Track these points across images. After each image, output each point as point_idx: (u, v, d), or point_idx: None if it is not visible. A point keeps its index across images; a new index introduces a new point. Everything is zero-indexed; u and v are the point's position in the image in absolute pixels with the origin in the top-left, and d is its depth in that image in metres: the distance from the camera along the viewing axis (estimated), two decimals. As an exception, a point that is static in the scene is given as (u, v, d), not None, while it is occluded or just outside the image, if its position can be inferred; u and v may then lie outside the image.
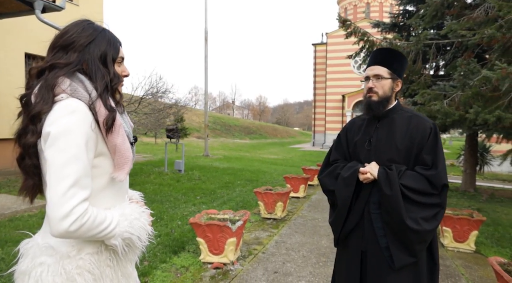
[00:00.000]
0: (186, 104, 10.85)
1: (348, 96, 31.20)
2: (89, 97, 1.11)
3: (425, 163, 1.76)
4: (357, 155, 1.95)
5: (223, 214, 4.05)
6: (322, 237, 4.83)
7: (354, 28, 5.77)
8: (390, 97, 1.88)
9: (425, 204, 1.72)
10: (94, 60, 1.16)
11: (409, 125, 1.83)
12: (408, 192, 1.71)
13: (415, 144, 1.78)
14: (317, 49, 36.02)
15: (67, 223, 0.99)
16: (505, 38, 3.77)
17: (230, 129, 41.66)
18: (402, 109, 1.91)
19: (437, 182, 1.70)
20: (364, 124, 1.99)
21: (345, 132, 2.09)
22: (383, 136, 1.87)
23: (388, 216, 1.74)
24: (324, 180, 2.04)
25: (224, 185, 8.78)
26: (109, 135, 1.12)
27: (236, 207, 6.44)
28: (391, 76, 1.87)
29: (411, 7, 9.71)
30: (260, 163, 15.88)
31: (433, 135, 1.77)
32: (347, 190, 1.87)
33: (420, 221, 1.68)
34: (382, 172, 1.77)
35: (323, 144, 33.52)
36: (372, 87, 1.88)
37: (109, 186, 1.18)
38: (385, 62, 1.88)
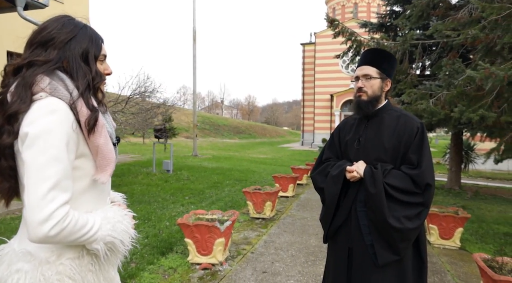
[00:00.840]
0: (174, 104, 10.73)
1: (337, 96, 31.45)
2: (70, 96, 1.06)
3: (411, 162, 1.78)
4: (348, 154, 1.98)
5: (212, 214, 4.02)
6: (311, 236, 4.84)
7: (342, 28, 5.80)
8: (379, 97, 1.90)
9: (408, 203, 1.73)
10: (75, 57, 1.12)
11: (397, 124, 1.85)
12: (391, 190, 1.73)
13: (402, 143, 1.80)
14: (306, 48, 36.18)
15: (46, 228, 0.94)
16: (488, 38, 3.84)
17: (219, 128, 41.54)
18: (391, 108, 1.93)
19: (420, 181, 1.71)
20: (355, 123, 2.01)
21: (338, 131, 2.11)
22: (371, 135, 1.89)
23: (372, 214, 1.76)
24: (316, 177, 2.07)
25: (212, 185, 8.73)
26: (91, 136, 1.09)
27: (225, 207, 6.41)
28: (380, 75, 1.89)
29: (397, 8, 9.82)
30: (249, 162, 15.86)
31: (420, 134, 1.79)
32: (334, 188, 1.90)
33: (403, 219, 1.70)
34: (368, 171, 1.79)
35: (312, 144, 33.71)
36: (361, 87, 1.90)
37: (90, 189, 1.14)
38: (375, 62, 1.90)
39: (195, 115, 18.65)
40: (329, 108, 33.51)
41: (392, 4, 9.74)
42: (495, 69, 3.09)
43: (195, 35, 18.32)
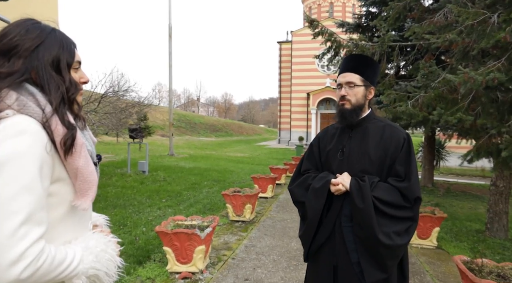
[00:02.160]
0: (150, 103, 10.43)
1: (313, 94, 31.76)
2: (43, 113, 0.92)
3: (398, 175, 1.71)
4: (329, 165, 1.87)
5: (191, 220, 3.89)
6: (291, 239, 4.80)
7: (321, 29, 5.79)
8: (363, 105, 1.82)
9: (397, 217, 1.66)
10: (45, 67, 0.97)
11: (382, 135, 1.77)
12: (380, 205, 1.65)
13: (389, 155, 1.73)
14: (282, 47, 36.30)
15: (17, 270, 0.81)
16: (464, 42, 3.91)
17: (195, 126, 41.04)
18: (375, 118, 1.86)
19: (410, 195, 1.65)
20: (337, 133, 1.92)
21: (317, 141, 2.01)
22: (356, 145, 1.80)
23: (359, 229, 1.67)
24: (295, 190, 1.94)
25: (190, 186, 8.56)
26: (69, 157, 0.95)
27: (204, 210, 6.28)
28: (364, 83, 1.81)
29: (374, 9, 9.95)
30: (226, 162, 15.72)
31: (407, 145, 1.73)
32: (317, 202, 1.78)
33: (393, 235, 1.62)
34: (355, 184, 1.69)
35: (289, 142, 33.94)
36: (344, 95, 1.81)
37: (69, 216, 1.01)
38: (358, 69, 1.81)
39: (171, 113, 18.29)
40: (305, 106, 33.81)
41: (368, 5, 9.86)
42: (474, 74, 3.14)
43: (170, 31, 17.92)
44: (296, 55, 33.86)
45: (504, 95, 3.94)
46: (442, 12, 4.88)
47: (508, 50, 3.37)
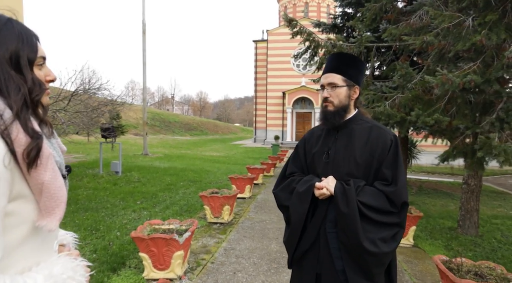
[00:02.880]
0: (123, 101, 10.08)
1: (289, 93, 31.96)
2: (1, 120, 0.80)
3: (385, 178, 1.65)
4: (315, 168, 1.81)
5: (168, 224, 3.75)
6: (271, 241, 4.75)
7: (300, 28, 5.76)
8: (347, 106, 1.75)
9: (383, 223, 1.59)
10: (2, 65, 0.84)
11: (369, 136, 1.71)
12: (366, 210, 1.58)
13: (375, 158, 1.67)
14: (258, 45, 36.28)
15: None
16: (440, 45, 3.98)
17: (169, 125, 40.34)
18: (362, 118, 1.80)
19: (396, 200, 1.59)
20: (323, 135, 1.85)
21: (303, 143, 1.94)
22: (341, 148, 1.74)
23: (344, 236, 1.61)
24: (279, 194, 1.87)
25: (166, 187, 8.33)
26: (33, 171, 0.82)
27: (180, 212, 6.12)
28: (347, 83, 1.74)
29: (349, 10, 10.06)
30: (202, 161, 15.51)
31: (394, 148, 1.67)
32: (301, 207, 1.71)
33: (378, 242, 1.56)
34: (339, 188, 1.63)
35: (265, 140, 34.01)
36: (327, 97, 1.75)
37: (30, 238, 0.87)
38: (340, 69, 1.75)
39: (145, 112, 17.82)
40: (281, 105, 34.00)
41: (344, 6, 9.96)
42: (452, 76, 3.19)
43: (144, 27, 17.45)
44: (271, 54, 33.94)
45: (476, 97, 4.05)
46: (417, 14, 4.96)
47: (482, 53, 3.45)
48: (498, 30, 3.22)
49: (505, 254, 4.77)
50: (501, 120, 3.55)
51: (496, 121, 3.57)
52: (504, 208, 8.22)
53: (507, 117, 3.50)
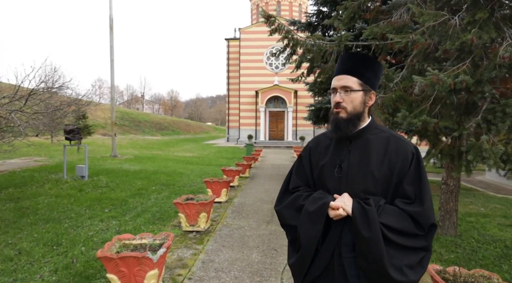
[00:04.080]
0: (90, 100, 9.43)
1: (262, 92, 31.81)
2: None
3: (406, 196, 1.44)
4: (324, 182, 1.57)
5: (140, 238, 3.38)
6: (252, 250, 4.47)
7: (278, 25, 5.51)
8: (361, 114, 1.52)
9: (409, 248, 1.39)
10: None
11: (386, 148, 1.49)
12: (389, 233, 1.37)
13: (395, 173, 1.45)
14: (230, 44, 35.90)
15: None
16: (425, 43, 3.86)
17: (139, 125, 39.12)
18: (377, 127, 1.57)
19: (424, 221, 1.39)
20: (332, 145, 1.61)
21: (308, 153, 1.69)
22: (356, 161, 1.51)
23: (365, 262, 1.39)
24: (283, 212, 1.62)
25: (136, 193, 7.85)
26: None
27: (153, 220, 5.72)
28: (363, 87, 1.51)
29: (325, 8, 9.97)
30: (175, 163, 14.99)
31: (416, 161, 1.46)
32: (313, 229, 1.48)
33: (405, 269, 1.36)
34: (358, 208, 1.40)
35: (238, 140, 33.72)
36: (339, 102, 1.51)
37: None
38: (356, 71, 1.52)
39: (114, 111, 17.01)
40: (254, 104, 33.81)
41: (320, 4, 9.86)
42: (443, 76, 3.05)
43: (112, 23, 16.63)
44: (244, 53, 33.67)
45: (460, 98, 3.97)
46: (399, 13, 4.85)
47: (472, 52, 3.35)
48: (489, 29, 3.12)
49: (485, 254, 4.76)
50: (488, 121, 3.46)
51: (483, 123, 3.48)
52: (475, 206, 8.40)
53: (494, 119, 3.41)
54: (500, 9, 3.33)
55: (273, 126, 33.45)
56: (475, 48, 3.25)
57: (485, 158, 3.17)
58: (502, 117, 3.41)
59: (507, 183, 10.94)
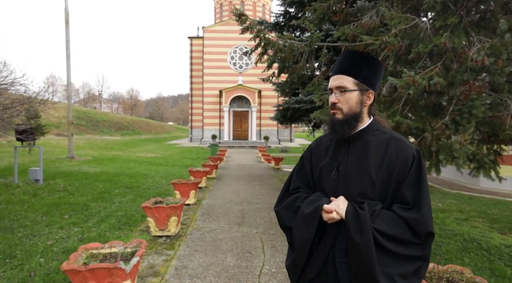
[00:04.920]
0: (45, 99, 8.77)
1: (226, 92, 31.59)
2: None
3: (405, 201, 1.39)
4: (322, 185, 1.52)
5: (110, 247, 3.14)
6: (226, 254, 4.34)
7: (250, 24, 5.43)
8: (359, 114, 1.47)
9: (404, 256, 1.34)
10: None
11: (386, 150, 1.45)
12: (383, 239, 1.32)
13: (394, 176, 1.41)
14: (194, 42, 35.30)
15: None
16: (398, 46, 3.95)
17: (97, 124, 37.35)
18: (378, 128, 1.52)
19: (420, 229, 1.34)
20: (332, 146, 1.56)
21: (309, 154, 1.64)
22: (354, 163, 1.46)
23: (356, 269, 1.34)
24: (282, 213, 1.58)
25: (99, 196, 7.40)
26: None
27: (119, 225, 5.41)
28: (359, 87, 1.46)
29: (292, 9, 10.03)
30: (137, 164, 14.43)
31: (417, 165, 1.41)
32: (306, 231, 1.43)
33: (397, 278, 1.31)
34: (352, 212, 1.35)
35: (201, 140, 33.26)
36: (335, 102, 1.47)
37: None
38: (351, 70, 1.47)
39: (70, 110, 16.05)
40: (218, 104, 33.51)
41: (287, 5, 9.90)
42: (418, 78, 3.13)
43: (67, 16, 15.68)
44: (208, 52, 33.25)
45: (428, 99, 4.11)
46: (369, 15, 4.94)
47: (443, 55, 3.46)
48: (459, 33, 3.24)
49: (448, 248, 4.98)
50: (456, 122, 3.61)
51: (451, 124, 3.61)
52: (434, 201, 8.82)
53: (461, 120, 3.56)
54: (468, 15, 3.48)
55: (237, 126, 33.35)
56: (446, 52, 3.37)
57: (455, 158, 3.29)
58: (468, 118, 3.56)
59: (459, 180, 11.66)
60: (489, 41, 3.15)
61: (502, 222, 6.29)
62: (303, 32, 10.03)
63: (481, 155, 3.54)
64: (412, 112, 3.99)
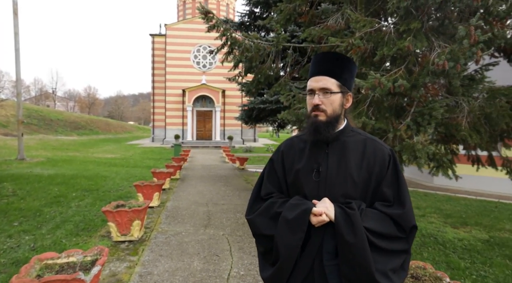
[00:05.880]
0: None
1: (189, 91, 31.07)
2: None
3: (386, 198, 1.43)
4: (300, 187, 1.48)
5: (67, 256, 2.92)
6: (192, 258, 4.22)
7: (216, 22, 5.32)
8: (339, 116, 1.48)
9: (392, 251, 1.38)
10: None
11: (364, 151, 1.47)
12: (373, 237, 1.34)
13: (374, 175, 1.43)
14: (156, 40, 34.37)
15: None
16: (363, 48, 4.04)
17: (51, 123, 35.25)
18: (353, 130, 1.54)
19: (405, 224, 1.38)
20: (307, 148, 1.52)
21: (280, 156, 1.59)
22: (334, 165, 1.45)
23: (349, 269, 1.33)
24: (256, 221, 1.51)
25: (53, 201, 6.94)
26: None
27: (76, 231, 5.09)
28: (341, 89, 1.46)
29: (257, 9, 10.03)
30: (96, 165, 13.76)
31: (393, 164, 1.46)
32: (294, 238, 1.38)
33: (390, 274, 1.34)
34: (341, 213, 1.35)
35: (164, 140, 32.48)
36: (319, 104, 1.44)
37: None
38: (334, 72, 1.46)
39: (21, 108, 14.96)
40: (181, 103, 32.88)
41: (252, 5, 9.88)
42: (384, 80, 3.21)
43: (16, 7, 14.60)
44: (170, 50, 32.53)
45: (391, 101, 4.25)
46: (335, 17, 5.03)
47: (405, 59, 3.59)
48: (421, 38, 3.37)
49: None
50: (417, 123, 3.75)
51: (413, 125, 3.75)
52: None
53: (422, 121, 3.70)
54: (428, 20, 3.64)
55: (200, 126, 32.92)
56: (409, 55, 3.50)
57: (418, 157, 3.42)
58: (429, 120, 3.72)
59: (415, 178, 12.28)
60: (448, 46, 3.31)
61: (454, 217, 6.67)
62: (268, 32, 10.08)
63: (440, 154, 3.72)
64: (376, 113, 4.10)
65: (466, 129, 3.71)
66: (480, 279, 3.88)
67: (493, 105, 3.82)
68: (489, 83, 4.45)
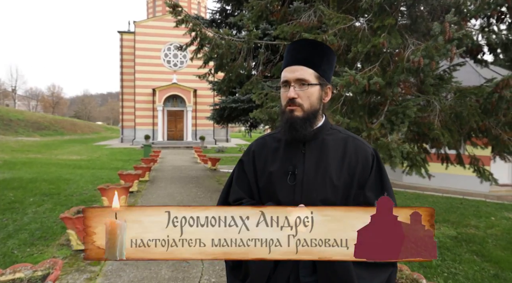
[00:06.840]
0: None
1: (159, 90, 30.32)
2: None
3: (369, 204, 1.26)
4: (273, 192, 1.30)
5: (13, 272, 2.59)
6: (160, 265, 3.96)
7: (185, 16, 5.07)
8: (318, 111, 1.30)
9: (377, 265, 1.22)
10: None
11: (345, 151, 1.30)
12: None
13: (356, 178, 1.27)
14: (124, 37, 33.32)
15: None
16: (337, 45, 3.95)
17: (10, 124, 33.27)
18: (332, 127, 1.37)
19: None
20: (281, 148, 1.35)
21: (251, 158, 1.39)
22: (312, 166, 1.28)
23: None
24: None
25: (7, 207, 6.40)
26: None
27: (31, 240, 4.68)
28: (320, 81, 1.28)
29: (228, 6, 9.83)
30: (59, 167, 13.03)
31: (377, 165, 1.30)
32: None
33: None
34: None
35: (133, 140, 31.52)
36: (294, 97, 1.25)
37: None
38: (311, 62, 1.27)
39: (-27, 108, 13.90)
40: (151, 102, 32.03)
41: (223, 2, 9.66)
42: (359, 77, 3.12)
43: (-32, -1, 13.56)
44: (140, 48, 31.59)
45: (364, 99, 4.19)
46: (307, 14, 4.92)
47: (379, 56, 3.52)
48: (395, 35, 3.32)
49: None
50: (391, 122, 3.70)
51: (387, 123, 3.69)
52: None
53: (396, 120, 3.66)
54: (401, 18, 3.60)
55: (171, 126, 32.22)
56: (382, 52, 3.43)
57: (393, 157, 3.36)
58: (402, 118, 3.68)
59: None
60: (421, 43, 3.28)
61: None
62: (240, 31, 9.90)
63: (413, 153, 3.69)
64: (349, 112, 4.02)
65: (438, 128, 3.70)
66: (451, 276, 3.90)
67: (463, 104, 3.84)
68: (456, 83, 4.51)
